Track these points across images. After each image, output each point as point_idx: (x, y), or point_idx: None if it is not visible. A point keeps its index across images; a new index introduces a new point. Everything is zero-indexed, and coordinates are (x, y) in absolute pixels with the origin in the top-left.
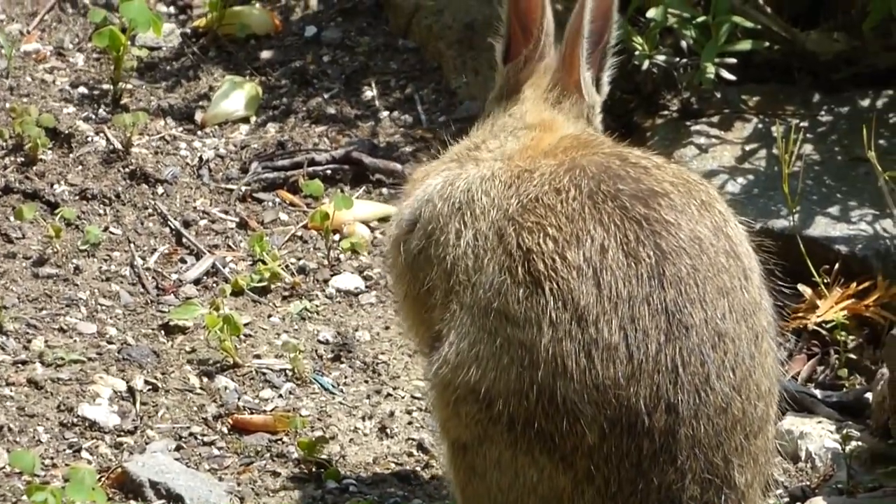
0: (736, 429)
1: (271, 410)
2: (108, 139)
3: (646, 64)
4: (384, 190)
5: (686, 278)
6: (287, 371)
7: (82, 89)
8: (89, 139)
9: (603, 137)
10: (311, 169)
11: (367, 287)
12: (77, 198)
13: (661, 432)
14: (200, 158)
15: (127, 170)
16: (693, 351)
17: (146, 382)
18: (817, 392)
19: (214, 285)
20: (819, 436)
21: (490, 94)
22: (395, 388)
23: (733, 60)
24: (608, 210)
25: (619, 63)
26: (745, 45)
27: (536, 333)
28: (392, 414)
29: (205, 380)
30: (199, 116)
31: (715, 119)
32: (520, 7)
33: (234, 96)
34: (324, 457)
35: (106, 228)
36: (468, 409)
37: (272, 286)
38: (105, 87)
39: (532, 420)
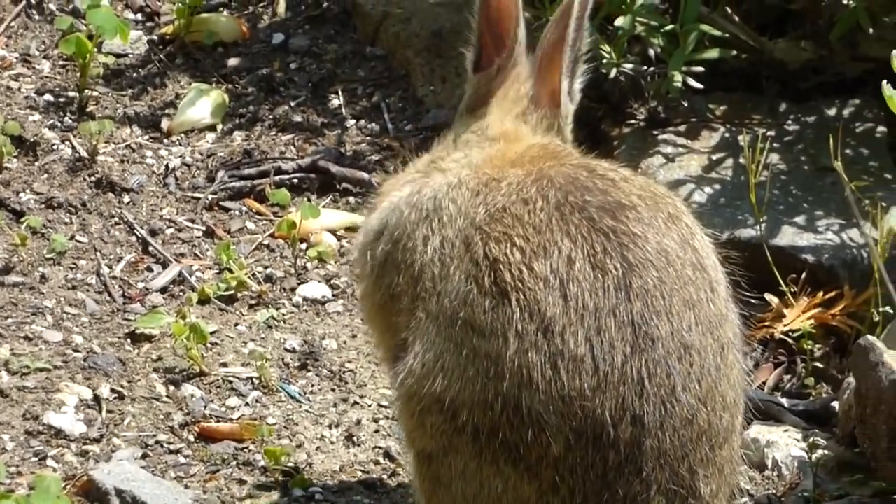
0: (701, 440)
1: (238, 419)
2: (73, 147)
3: (613, 72)
4: (351, 199)
5: (653, 290)
6: (254, 379)
7: (48, 97)
8: (55, 147)
9: (570, 149)
10: (277, 178)
11: (333, 296)
12: (43, 206)
13: (627, 444)
14: (167, 167)
15: (93, 178)
16: (659, 363)
17: (112, 391)
18: (784, 401)
19: (181, 294)
20: (785, 444)
21: (460, 104)
22: (361, 397)
23: (701, 69)
24: (575, 222)
25: (587, 71)
26: (713, 54)
27: (502, 344)
28: (359, 422)
29: (171, 388)
30: (165, 124)
31: (682, 128)
32: (491, 16)
33: (201, 104)
34: (290, 465)
35: (72, 237)
36: (433, 420)
37: (239, 294)
38: (71, 94)
39: (497, 430)
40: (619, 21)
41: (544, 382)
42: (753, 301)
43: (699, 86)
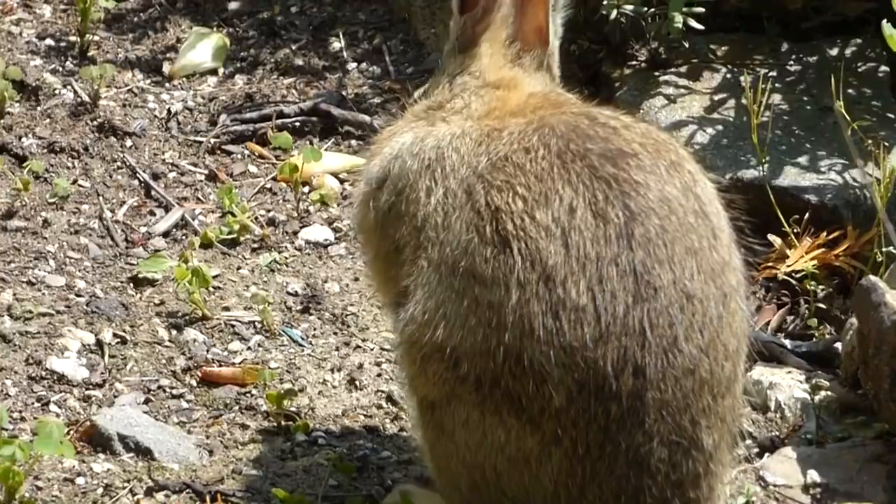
0: (703, 390)
1: (240, 363)
2: (75, 92)
3: (614, 14)
4: (353, 142)
5: (654, 239)
6: (256, 323)
7: (49, 41)
8: (57, 92)
9: (570, 96)
10: (279, 121)
11: (336, 239)
12: (45, 151)
13: (629, 395)
14: (169, 111)
15: (95, 122)
16: (661, 313)
17: (115, 335)
18: (787, 342)
19: (183, 238)
20: (788, 386)
21: (445, 45)
22: (364, 341)
23: (701, 10)
24: (577, 170)
25: (587, 13)
26: None
27: (503, 294)
28: (361, 366)
29: (173, 332)
30: (166, 68)
31: (683, 69)
32: None
33: (202, 48)
34: (293, 409)
35: (74, 181)
36: (435, 368)
37: (241, 238)
38: (72, 38)
39: (499, 381)
40: None
41: (546, 333)
42: (757, 244)
43: (700, 27)
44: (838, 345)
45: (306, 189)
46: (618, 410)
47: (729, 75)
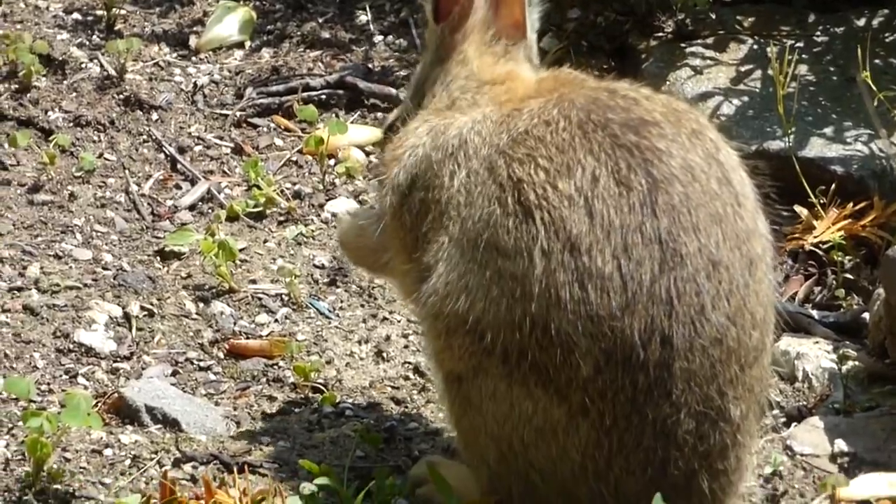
0: (731, 360)
1: (267, 335)
2: (102, 65)
3: None
4: (379, 115)
5: (679, 206)
6: (283, 296)
7: (76, 15)
8: (83, 66)
9: (582, 75)
10: (305, 94)
11: None
12: (71, 124)
13: (656, 365)
14: (195, 84)
15: (121, 96)
16: (688, 281)
17: (142, 308)
18: (814, 312)
19: (210, 211)
20: (816, 356)
21: (424, 57)
22: (390, 313)
23: None
24: (598, 139)
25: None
26: None
27: (528, 264)
28: (388, 338)
29: (200, 305)
30: (193, 42)
31: (710, 40)
32: None
33: (228, 21)
34: (320, 381)
35: (100, 155)
36: (460, 342)
37: (267, 211)
38: (99, 12)
39: (526, 352)
40: None
41: (572, 302)
42: (784, 213)
43: None
44: (865, 315)
45: (332, 162)
46: (645, 381)
47: (755, 46)
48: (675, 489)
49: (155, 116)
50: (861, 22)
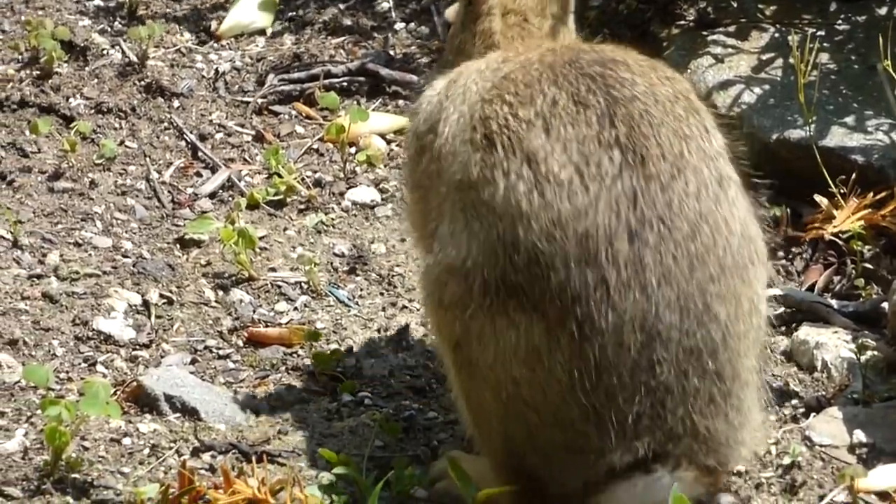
0: (708, 257)
1: (286, 323)
2: (123, 52)
3: None
4: (400, 102)
5: (638, 119)
6: (302, 284)
7: (98, 1)
8: (105, 52)
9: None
10: (326, 81)
11: (382, 199)
12: (92, 111)
13: (628, 261)
14: (216, 71)
15: (142, 83)
16: (652, 178)
17: (161, 296)
18: (833, 302)
19: (230, 199)
20: (835, 346)
21: (453, 27)
22: (410, 301)
23: None
24: (563, 72)
25: None
26: None
27: (493, 189)
28: (407, 326)
29: (220, 293)
30: (214, 28)
31: (731, 28)
32: None
33: (250, 8)
34: (339, 370)
35: (121, 142)
36: (452, 294)
37: (288, 199)
38: None
39: (503, 277)
40: None
41: (534, 210)
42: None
43: None
44: (885, 305)
45: (353, 150)
46: (618, 278)
47: (777, 35)
48: (668, 391)
49: (176, 104)
50: (883, 11)
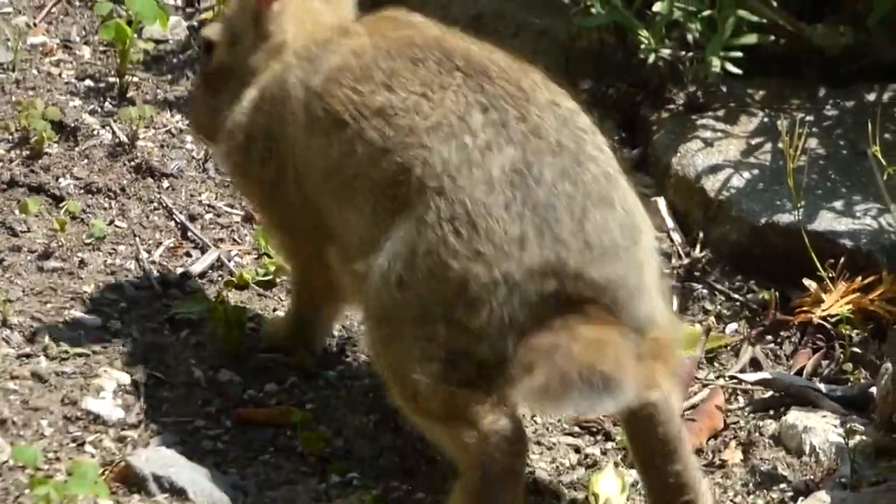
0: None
1: (276, 404)
2: (113, 132)
3: (651, 57)
4: None
5: (478, 59)
6: (291, 364)
7: (88, 82)
8: (95, 132)
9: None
10: None
11: None
12: (82, 191)
13: (485, 124)
14: (206, 152)
15: (132, 163)
16: (492, 80)
17: (150, 376)
18: (822, 386)
19: (219, 279)
20: (823, 430)
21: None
22: None
23: (739, 54)
24: (396, 39)
25: (625, 56)
26: (751, 39)
27: (354, 134)
28: (396, 408)
29: (209, 373)
30: None
31: (721, 113)
32: None
33: None
34: (328, 451)
35: (111, 222)
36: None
37: (277, 279)
38: (111, 79)
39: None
40: (658, 6)
41: (390, 140)
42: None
43: (738, 71)
44: (873, 389)
45: None
46: (475, 143)
47: (766, 119)
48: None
49: (166, 184)
50: (872, 96)
